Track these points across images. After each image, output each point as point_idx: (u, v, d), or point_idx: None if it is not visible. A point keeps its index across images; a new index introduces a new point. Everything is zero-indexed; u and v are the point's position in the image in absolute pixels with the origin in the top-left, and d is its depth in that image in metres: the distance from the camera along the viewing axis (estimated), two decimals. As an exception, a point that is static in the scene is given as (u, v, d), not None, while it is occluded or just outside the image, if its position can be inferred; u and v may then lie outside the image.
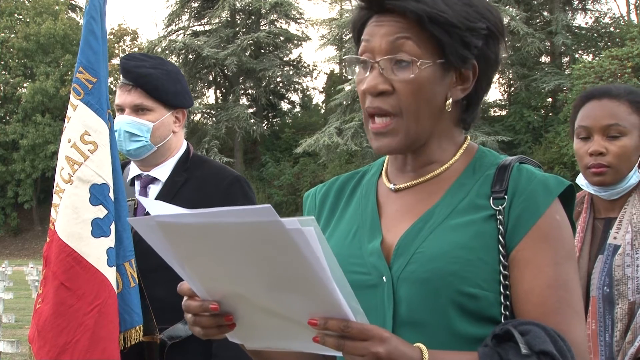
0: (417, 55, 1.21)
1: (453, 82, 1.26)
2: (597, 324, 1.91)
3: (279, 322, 1.09)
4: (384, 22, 1.23)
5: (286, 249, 0.95)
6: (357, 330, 1.03)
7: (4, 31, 46.41)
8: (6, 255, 41.17)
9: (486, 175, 1.27)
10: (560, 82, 31.68)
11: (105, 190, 2.26)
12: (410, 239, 1.23)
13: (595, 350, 1.90)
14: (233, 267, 1.03)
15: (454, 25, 1.21)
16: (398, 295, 1.21)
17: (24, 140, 42.76)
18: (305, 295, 1.02)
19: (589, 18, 37.75)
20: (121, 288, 2.26)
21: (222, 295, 1.09)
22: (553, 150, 30.61)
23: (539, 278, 1.18)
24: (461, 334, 1.18)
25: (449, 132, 1.31)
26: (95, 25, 2.34)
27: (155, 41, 37.60)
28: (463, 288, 1.17)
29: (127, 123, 2.36)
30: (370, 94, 1.24)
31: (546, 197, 1.21)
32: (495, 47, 1.28)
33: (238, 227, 0.94)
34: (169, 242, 1.03)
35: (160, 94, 2.37)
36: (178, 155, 2.46)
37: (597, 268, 1.95)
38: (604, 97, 2.01)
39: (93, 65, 2.33)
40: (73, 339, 2.16)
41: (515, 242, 1.20)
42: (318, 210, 1.43)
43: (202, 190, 2.36)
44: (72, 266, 2.20)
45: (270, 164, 38.14)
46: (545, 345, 1.09)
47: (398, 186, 1.32)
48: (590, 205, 2.08)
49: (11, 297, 13.78)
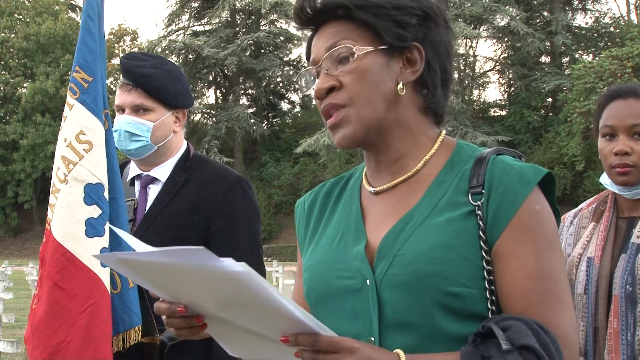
0: (354, 45, 1.25)
1: (401, 67, 1.27)
2: (619, 323, 1.89)
3: (258, 338, 1.13)
4: (322, 34, 1.30)
5: (234, 285, 1.01)
6: (327, 343, 1.05)
7: (4, 31, 46.43)
8: (6, 255, 41.19)
9: (464, 170, 1.25)
10: (560, 82, 31.70)
11: (100, 189, 2.24)
12: (392, 241, 1.23)
13: (617, 349, 1.88)
14: (194, 295, 1.12)
15: (380, 6, 1.24)
16: (382, 298, 1.20)
17: (24, 140, 42.80)
18: (269, 317, 1.06)
19: (589, 18, 37.80)
20: (120, 288, 2.25)
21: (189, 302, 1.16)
22: (553, 150, 30.62)
23: (522, 271, 1.17)
24: (448, 333, 1.16)
25: (416, 122, 1.29)
26: (92, 24, 2.33)
27: (155, 41, 37.62)
28: (446, 288, 1.15)
29: (127, 123, 2.35)
30: (319, 96, 1.27)
31: (523, 187, 1.19)
32: (438, 31, 1.29)
33: (185, 266, 1.02)
34: (132, 272, 1.13)
35: (161, 94, 2.36)
36: (178, 155, 2.45)
37: (620, 267, 1.93)
38: (629, 96, 2.00)
39: (89, 64, 2.32)
40: (65, 339, 2.15)
41: (496, 236, 1.18)
42: (306, 217, 1.43)
43: (203, 190, 2.35)
44: (66, 266, 2.19)
45: (270, 164, 38.16)
46: (526, 339, 1.08)
47: (377, 188, 1.32)
48: (613, 204, 2.07)
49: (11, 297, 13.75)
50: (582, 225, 2.10)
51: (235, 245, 2.30)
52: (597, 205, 2.11)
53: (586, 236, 2.06)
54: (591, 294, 1.96)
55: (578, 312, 1.99)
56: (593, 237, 2.04)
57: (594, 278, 1.97)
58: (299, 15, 1.31)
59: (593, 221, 2.08)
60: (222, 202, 2.32)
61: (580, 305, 1.99)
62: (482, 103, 38.32)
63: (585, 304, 1.97)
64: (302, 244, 1.43)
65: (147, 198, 2.40)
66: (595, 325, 1.96)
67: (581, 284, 1.99)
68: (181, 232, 2.26)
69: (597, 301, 1.95)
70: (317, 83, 1.28)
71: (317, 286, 1.30)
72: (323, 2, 1.27)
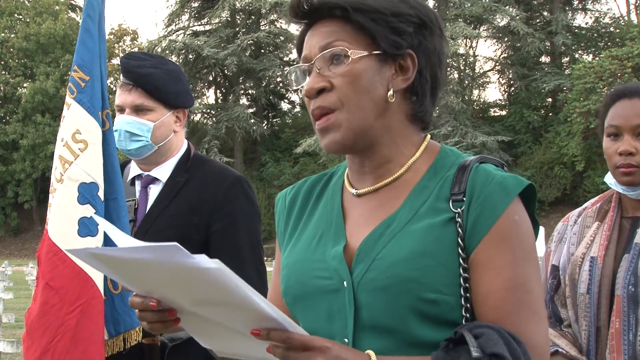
0: (349, 48, 1.24)
1: (393, 74, 1.26)
2: (621, 323, 1.89)
3: (231, 333, 1.14)
4: (316, 31, 1.28)
5: (207, 281, 1.02)
6: (298, 341, 1.06)
7: (4, 31, 46.44)
8: (6, 255, 41.19)
9: (446, 176, 1.25)
10: (560, 82, 31.70)
11: (94, 189, 2.24)
12: (371, 245, 1.23)
13: (619, 349, 1.88)
14: (167, 290, 1.14)
15: (379, 11, 1.23)
16: (359, 300, 1.20)
17: (24, 140, 42.80)
18: (241, 313, 1.07)
19: (589, 18, 37.78)
20: (120, 289, 2.24)
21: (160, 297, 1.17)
22: (553, 150, 30.62)
23: (497, 280, 1.17)
24: (422, 339, 1.17)
25: (403, 129, 1.29)
26: (91, 24, 2.33)
27: (155, 41, 37.61)
28: (422, 294, 1.16)
29: (127, 123, 2.35)
30: (309, 95, 1.26)
31: (504, 198, 1.19)
32: (432, 39, 1.29)
33: (157, 262, 1.03)
34: (105, 267, 1.15)
35: (161, 94, 2.35)
36: (179, 155, 2.45)
37: (623, 267, 1.93)
38: (634, 96, 1.99)
39: (87, 63, 2.31)
40: (54, 339, 2.14)
41: (474, 245, 1.18)
42: (287, 213, 1.42)
43: (203, 190, 2.35)
44: (57, 265, 2.18)
45: (270, 164, 38.16)
46: (497, 347, 1.08)
47: (360, 191, 1.31)
48: (618, 204, 2.06)
49: (11, 297, 13.76)
50: (586, 224, 2.09)
51: (235, 245, 2.30)
52: (601, 205, 2.10)
53: (590, 235, 2.05)
54: (594, 294, 1.96)
55: (580, 311, 1.99)
56: (597, 237, 2.03)
57: (596, 278, 1.96)
58: (294, 9, 1.30)
59: (597, 220, 2.07)
60: (222, 202, 2.32)
61: (582, 304, 1.98)
62: (482, 103, 38.32)
63: (587, 303, 1.97)
64: (282, 239, 1.42)
65: (147, 198, 2.40)
66: (597, 325, 1.95)
67: (584, 284, 1.99)
68: (182, 232, 2.26)
69: (599, 301, 1.95)
70: (308, 82, 1.27)
71: (294, 285, 1.30)
72: (321, 1, 1.26)
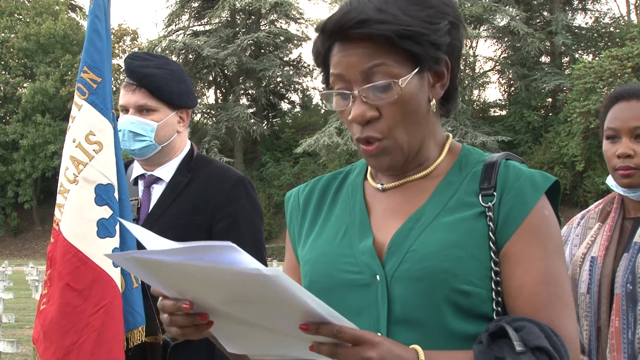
0: (395, 75, 1.19)
1: (431, 83, 1.25)
2: (621, 322, 1.90)
3: (268, 334, 1.10)
4: (351, 50, 1.20)
5: (260, 285, 0.98)
6: (350, 335, 1.04)
7: (4, 31, 46.39)
8: (6, 255, 41.17)
9: (473, 172, 1.27)
10: (560, 82, 31.68)
11: (110, 190, 2.25)
12: (403, 238, 1.23)
13: (619, 348, 1.89)
14: (203, 291, 1.07)
15: (422, 34, 1.19)
16: (392, 293, 1.20)
17: (24, 140, 42.76)
18: (286, 312, 1.04)
19: (589, 18, 37.77)
20: (124, 289, 2.25)
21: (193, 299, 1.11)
22: (553, 150, 30.60)
23: (530, 273, 1.18)
24: (455, 331, 1.17)
25: (435, 129, 1.31)
26: (99, 24, 2.34)
27: (155, 41, 37.60)
28: (456, 285, 1.17)
29: (131, 123, 2.36)
30: (358, 123, 1.23)
31: (534, 193, 1.22)
32: (458, 34, 1.28)
33: (207, 267, 0.98)
34: (145, 270, 1.08)
35: (165, 94, 2.36)
36: (182, 155, 2.46)
37: (622, 266, 1.94)
38: (632, 98, 2.00)
39: (97, 64, 2.32)
40: (79, 340, 2.15)
41: (505, 239, 1.20)
42: (302, 211, 1.42)
43: (206, 190, 2.35)
44: (78, 267, 2.19)
45: (270, 164, 38.14)
46: (539, 340, 1.09)
47: (386, 185, 1.32)
48: (620, 205, 2.07)
49: (11, 297, 13.78)
50: (589, 225, 2.10)
51: (238, 245, 2.30)
52: (604, 206, 2.11)
53: (591, 236, 2.06)
54: (594, 293, 1.97)
55: (581, 311, 2.00)
56: (598, 237, 2.04)
57: (596, 277, 1.97)
58: (331, 29, 1.21)
59: (599, 222, 2.08)
60: (224, 202, 2.33)
61: (583, 304, 1.99)
62: (482, 103, 38.30)
63: (588, 303, 1.98)
64: (297, 237, 1.41)
65: (150, 198, 2.40)
66: (598, 325, 1.96)
67: (584, 284, 1.99)
68: (184, 232, 2.26)
69: (599, 300, 1.96)
70: (355, 109, 1.21)
71: (321, 279, 1.29)
72: (366, 31, 1.17)
